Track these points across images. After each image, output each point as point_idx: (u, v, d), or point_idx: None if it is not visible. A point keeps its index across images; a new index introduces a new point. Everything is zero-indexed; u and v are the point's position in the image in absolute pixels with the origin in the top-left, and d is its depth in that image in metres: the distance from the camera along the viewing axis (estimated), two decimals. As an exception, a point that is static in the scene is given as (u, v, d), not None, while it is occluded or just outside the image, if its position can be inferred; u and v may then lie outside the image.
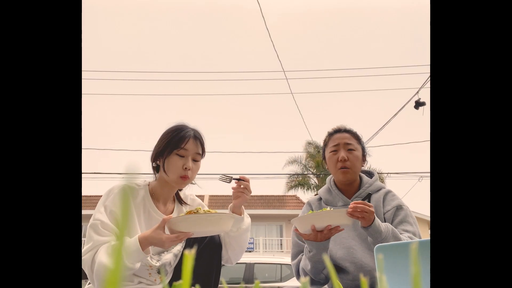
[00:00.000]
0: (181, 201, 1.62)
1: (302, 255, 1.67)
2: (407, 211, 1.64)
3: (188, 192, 1.68)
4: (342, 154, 1.67)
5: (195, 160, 1.52)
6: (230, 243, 1.55)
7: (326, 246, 1.50)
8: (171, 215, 1.40)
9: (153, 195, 1.53)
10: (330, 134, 1.77)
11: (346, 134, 1.73)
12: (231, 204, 1.55)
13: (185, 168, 1.48)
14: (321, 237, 1.45)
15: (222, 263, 1.60)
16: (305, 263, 1.61)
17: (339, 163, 1.68)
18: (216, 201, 20.72)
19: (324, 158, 1.80)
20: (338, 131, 1.75)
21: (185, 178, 1.49)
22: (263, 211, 20.24)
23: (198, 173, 1.61)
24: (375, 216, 1.45)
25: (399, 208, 1.65)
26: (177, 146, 1.49)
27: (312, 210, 1.77)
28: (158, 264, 1.45)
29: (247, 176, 1.53)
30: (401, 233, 1.53)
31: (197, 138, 1.53)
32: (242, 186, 1.50)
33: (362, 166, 1.77)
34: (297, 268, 1.69)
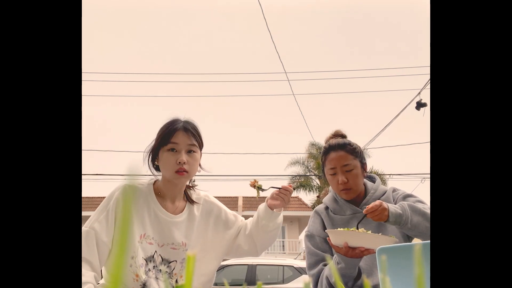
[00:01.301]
0: (191, 201, 1.55)
1: (323, 264, 1.64)
2: (417, 197, 1.64)
3: (203, 193, 1.61)
4: (341, 178, 1.67)
5: (191, 152, 1.45)
6: (261, 236, 1.54)
7: (356, 263, 1.47)
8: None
9: (159, 194, 1.49)
10: (325, 153, 1.75)
11: (341, 152, 1.70)
12: (268, 201, 1.52)
13: (179, 162, 1.41)
14: (352, 254, 1.41)
15: (245, 255, 1.62)
16: (330, 273, 1.57)
17: (340, 185, 1.68)
18: (218, 202, 20.68)
19: (324, 174, 1.80)
20: (332, 148, 1.73)
21: (182, 173, 1.42)
22: (265, 212, 20.15)
23: (200, 174, 1.57)
24: (387, 205, 1.44)
25: (406, 196, 1.65)
26: (166, 141, 1.44)
27: (322, 220, 1.74)
28: (144, 277, 1.39)
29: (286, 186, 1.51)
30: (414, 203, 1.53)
31: (188, 129, 1.45)
32: (282, 193, 1.49)
33: (364, 176, 1.75)
34: (317, 279, 1.64)
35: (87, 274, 1.29)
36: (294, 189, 1.66)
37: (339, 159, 1.69)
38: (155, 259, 1.43)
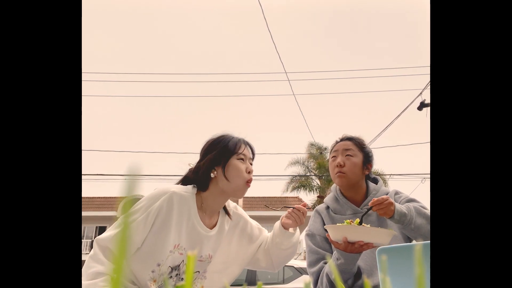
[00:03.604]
0: (227, 212, 1.53)
1: (323, 262, 1.64)
2: (420, 202, 1.64)
3: (232, 204, 1.60)
4: (339, 159, 1.70)
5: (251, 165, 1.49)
6: (277, 255, 1.55)
7: (356, 258, 1.47)
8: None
9: (201, 207, 1.44)
10: (334, 145, 1.81)
11: (348, 142, 1.76)
12: (282, 220, 1.53)
13: (249, 172, 1.44)
14: (351, 249, 1.42)
15: (263, 269, 1.61)
16: (330, 270, 1.58)
17: (336, 168, 1.70)
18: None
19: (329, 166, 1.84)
20: (342, 140, 1.79)
21: (250, 182, 1.44)
22: (265, 212, 20.25)
23: None
24: (394, 202, 1.45)
25: (409, 200, 1.66)
26: (235, 151, 1.44)
27: (322, 219, 1.75)
28: (160, 283, 1.37)
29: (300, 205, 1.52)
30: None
31: (248, 144, 1.50)
32: (295, 213, 1.49)
33: (366, 173, 1.76)
34: (317, 277, 1.64)
35: (108, 265, 1.26)
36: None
37: (343, 145, 1.75)
38: (180, 268, 1.42)
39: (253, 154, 1.52)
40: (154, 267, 1.36)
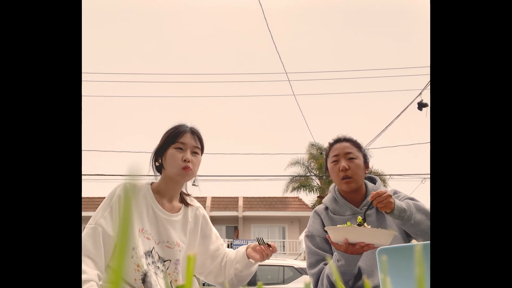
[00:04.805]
0: (186, 203, 1.61)
1: (324, 263, 1.65)
2: (419, 201, 1.64)
3: (198, 204, 1.67)
4: (343, 163, 1.69)
5: (195, 153, 1.54)
6: (231, 276, 1.60)
7: (357, 260, 1.47)
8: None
9: (158, 193, 1.54)
10: (331, 145, 1.79)
11: (346, 143, 1.75)
12: (248, 249, 1.58)
13: (185, 160, 1.50)
14: (352, 250, 1.42)
15: (213, 283, 1.66)
16: (330, 271, 1.58)
17: (341, 172, 1.69)
18: (219, 203, 20.79)
19: (326, 168, 1.81)
20: (338, 141, 1.77)
21: (187, 169, 1.49)
22: (265, 212, 20.27)
23: (200, 175, 1.62)
24: (393, 198, 1.45)
25: (408, 199, 1.66)
26: (174, 140, 1.52)
27: (322, 220, 1.75)
28: (146, 268, 1.41)
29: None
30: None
31: (194, 132, 1.56)
32: (266, 251, 1.54)
33: (366, 173, 1.77)
34: (317, 278, 1.65)
35: (90, 272, 1.30)
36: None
37: (343, 147, 1.73)
38: (153, 255, 1.46)
39: (201, 144, 1.58)
40: (131, 252, 1.41)
